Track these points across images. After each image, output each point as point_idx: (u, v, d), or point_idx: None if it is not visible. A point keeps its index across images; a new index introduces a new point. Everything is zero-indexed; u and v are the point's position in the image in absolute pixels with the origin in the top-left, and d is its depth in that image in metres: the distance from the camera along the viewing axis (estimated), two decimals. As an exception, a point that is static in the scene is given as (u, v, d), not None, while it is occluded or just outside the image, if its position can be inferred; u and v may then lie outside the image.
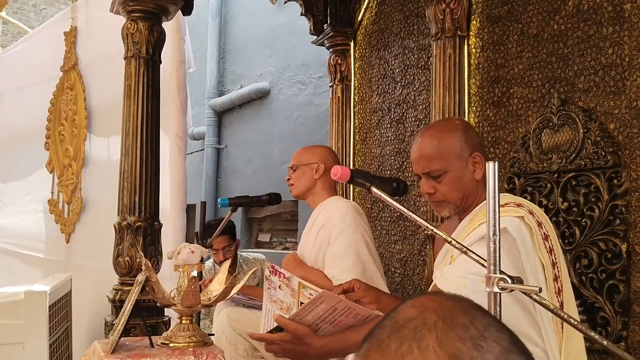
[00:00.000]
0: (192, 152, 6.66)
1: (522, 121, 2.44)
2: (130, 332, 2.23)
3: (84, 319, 3.20)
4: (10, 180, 4.93)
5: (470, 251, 1.18)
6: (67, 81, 4.01)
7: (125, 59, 2.54)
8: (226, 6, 7.08)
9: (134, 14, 2.51)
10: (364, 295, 1.78)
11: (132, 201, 2.45)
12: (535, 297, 1.06)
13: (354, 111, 3.57)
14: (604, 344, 1.03)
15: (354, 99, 3.57)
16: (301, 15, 3.71)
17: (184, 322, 1.94)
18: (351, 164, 3.51)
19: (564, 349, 1.40)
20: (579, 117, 2.17)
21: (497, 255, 1.03)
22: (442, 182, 1.63)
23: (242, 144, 6.54)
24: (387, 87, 3.29)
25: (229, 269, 2.14)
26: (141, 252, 2.35)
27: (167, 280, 2.47)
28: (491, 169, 1.04)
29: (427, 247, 2.84)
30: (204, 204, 2.92)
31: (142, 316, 2.22)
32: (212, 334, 2.69)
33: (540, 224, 1.46)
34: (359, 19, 3.54)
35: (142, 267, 1.95)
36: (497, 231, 1.03)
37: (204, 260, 2.07)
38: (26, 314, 2.29)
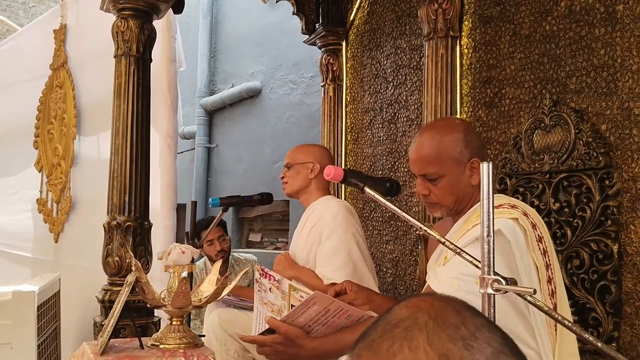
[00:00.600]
0: (182, 152, 6.62)
1: (514, 122, 2.44)
2: (119, 333, 2.21)
3: (73, 320, 3.17)
4: (-2, 178, 4.87)
5: (464, 252, 1.18)
6: (56, 79, 3.97)
7: (115, 57, 2.53)
8: (217, 5, 7.04)
9: (124, 12, 2.49)
10: (356, 297, 1.77)
11: (122, 200, 2.43)
12: (529, 298, 1.05)
13: (345, 111, 3.56)
14: (598, 345, 1.03)
15: (346, 99, 3.57)
16: (293, 14, 3.70)
17: (174, 323, 1.92)
18: (343, 163, 3.51)
19: (557, 351, 1.39)
20: (570, 117, 2.17)
21: (491, 256, 1.02)
22: (438, 185, 1.62)
23: (233, 143, 6.51)
24: (379, 87, 3.29)
25: (220, 270, 2.12)
26: (131, 252, 2.33)
27: (157, 280, 2.44)
28: (485, 170, 1.03)
29: (419, 247, 2.84)
30: (194, 203, 2.90)
31: (132, 317, 2.20)
32: (203, 335, 2.67)
33: (534, 226, 1.46)
34: (351, 18, 3.53)
35: (132, 268, 1.93)
36: (492, 232, 1.02)
37: (194, 260, 2.05)
38: (14, 314, 2.27)
